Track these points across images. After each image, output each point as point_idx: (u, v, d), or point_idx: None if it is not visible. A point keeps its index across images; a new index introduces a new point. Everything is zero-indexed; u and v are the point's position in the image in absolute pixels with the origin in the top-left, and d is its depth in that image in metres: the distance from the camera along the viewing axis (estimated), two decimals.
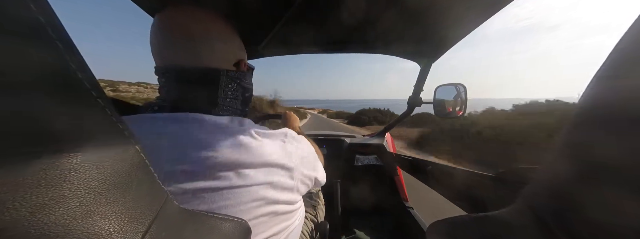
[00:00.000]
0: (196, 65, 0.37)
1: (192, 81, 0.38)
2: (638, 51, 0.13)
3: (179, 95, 0.38)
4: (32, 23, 0.11)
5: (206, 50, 0.38)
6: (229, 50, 0.41)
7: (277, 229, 0.37)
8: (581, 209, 0.15)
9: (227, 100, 0.41)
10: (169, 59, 0.37)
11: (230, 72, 0.42)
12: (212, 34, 0.38)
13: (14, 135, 0.10)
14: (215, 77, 0.40)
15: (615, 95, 0.14)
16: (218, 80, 0.40)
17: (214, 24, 0.39)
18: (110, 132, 0.14)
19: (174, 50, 0.37)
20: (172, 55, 0.37)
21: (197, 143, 0.31)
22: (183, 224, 0.20)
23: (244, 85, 0.45)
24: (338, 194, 1.19)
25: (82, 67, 0.12)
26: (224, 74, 0.40)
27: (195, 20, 0.37)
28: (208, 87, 0.39)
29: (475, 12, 0.64)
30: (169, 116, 0.34)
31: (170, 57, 0.37)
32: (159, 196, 0.18)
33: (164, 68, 0.38)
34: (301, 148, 0.42)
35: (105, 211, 0.13)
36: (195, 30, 0.36)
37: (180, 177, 0.29)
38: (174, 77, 0.37)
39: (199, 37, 0.37)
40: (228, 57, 0.42)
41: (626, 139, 0.13)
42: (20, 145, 0.10)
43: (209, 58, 0.38)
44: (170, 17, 0.37)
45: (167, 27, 0.37)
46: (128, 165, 0.15)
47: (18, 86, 0.10)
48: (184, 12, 0.37)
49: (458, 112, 1.03)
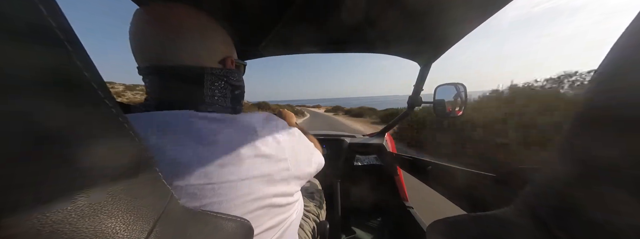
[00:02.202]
0: (178, 63, 0.36)
1: (175, 80, 0.37)
2: (637, 51, 0.13)
3: (164, 94, 0.37)
4: (42, 25, 0.11)
5: (186, 47, 0.36)
6: (212, 47, 0.40)
7: (273, 222, 0.36)
8: (581, 209, 0.15)
9: (215, 98, 0.41)
10: (150, 58, 0.37)
11: (215, 70, 0.40)
12: (192, 30, 0.37)
13: (21, 135, 0.10)
14: (198, 76, 0.38)
15: (615, 95, 0.14)
16: (202, 78, 0.39)
17: (194, 20, 0.38)
18: (116, 132, 0.15)
19: (153, 47, 0.36)
20: (152, 54, 0.36)
21: (185, 138, 0.30)
22: (187, 223, 0.20)
23: (233, 83, 0.44)
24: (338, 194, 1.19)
25: (89, 67, 0.13)
26: (208, 72, 0.39)
27: (173, 16, 0.36)
28: (193, 85, 0.38)
29: (475, 12, 0.64)
30: (156, 114, 0.33)
31: (151, 55, 0.36)
32: (163, 195, 0.18)
33: (145, 68, 0.37)
34: (294, 139, 0.42)
35: (112, 210, 0.14)
36: (174, 27, 0.35)
37: (170, 174, 0.28)
38: (157, 77, 0.37)
39: (178, 34, 0.36)
40: (211, 55, 0.40)
41: (626, 139, 0.13)
42: (28, 144, 0.11)
43: (191, 56, 0.37)
44: (147, 13, 0.36)
45: (146, 22, 0.36)
46: (134, 164, 0.16)
47: (25, 86, 0.11)
48: (162, 8, 0.36)
49: (458, 112, 1.03)
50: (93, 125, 0.13)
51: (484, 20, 0.66)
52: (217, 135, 0.32)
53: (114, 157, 0.14)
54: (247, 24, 0.77)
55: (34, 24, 0.11)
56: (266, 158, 0.34)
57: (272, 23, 0.77)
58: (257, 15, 0.73)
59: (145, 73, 0.38)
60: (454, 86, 1.02)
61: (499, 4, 0.57)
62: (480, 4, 0.60)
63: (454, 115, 1.04)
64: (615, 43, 0.14)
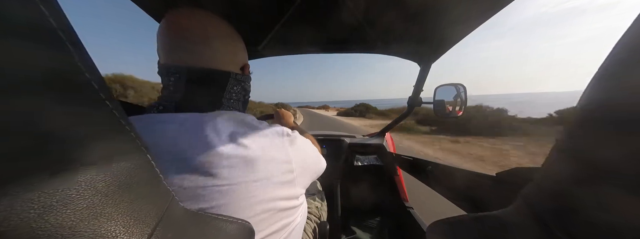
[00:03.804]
0: (207, 66, 0.39)
1: (201, 82, 0.39)
2: (637, 51, 0.13)
3: (185, 95, 0.38)
4: (43, 25, 0.11)
5: (218, 52, 0.39)
6: (237, 53, 0.43)
7: (278, 226, 0.37)
8: (581, 209, 0.15)
9: (231, 102, 0.43)
10: (178, 59, 0.38)
11: (238, 75, 0.44)
12: (222, 37, 0.40)
13: (20, 136, 0.10)
14: (224, 79, 0.41)
15: (615, 95, 0.14)
16: (226, 82, 0.42)
17: (223, 28, 0.40)
18: (117, 133, 0.15)
19: (185, 51, 0.37)
20: (182, 56, 0.38)
21: (196, 141, 0.31)
22: (188, 226, 0.20)
23: (246, 88, 0.47)
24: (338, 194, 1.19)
25: (91, 68, 0.13)
26: (233, 77, 0.42)
27: (205, 22, 0.38)
28: (215, 88, 0.41)
29: (475, 12, 0.64)
30: (172, 116, 0.34)
31: (181, 57, 0.38)
32: (164, 197, 0.18)
33: (173, 66, 0.38)
34: (297, 141, 0.42)
35: (112, 213, 0.13)
36: (207, 33, 0.38)
37: (177, 175, 0.29)
38: (184, 77, 0.38)
39: (212, 40, 0.38)
40: (236, 60, 0.44)
41: (626, 139, 0.13)
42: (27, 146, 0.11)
43: (220, 60, 0.40)
44: (180, 18, 0.37)
45: (179, 28, 0.37)
46: (134, 166, 0.15)
47: (26, 87, 0.10)
48: (194, 15, 0.38)
49: (458, 112, 1.03)
50: (93, 126, 0.13)
51: (484, 21, 0.66)
52: (224, 137, 0.32)
53: (114, 159, 0.14)
54: (247, 24, 0.77)
55: (34, 24, 0.11)
56: (271, 161, 0.35)
57: (272, 23, 0.77)
58: (257, 15, 0.73)
59: (172, 71, 0.38)
60: (454, 86, 1.02)
61: (500, 4, 0.57)
62: (481, 4, 0.60)
63: (454, 116, 1.04)
64: (616, 43, 0.14)
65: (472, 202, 0.56)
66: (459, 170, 0.63)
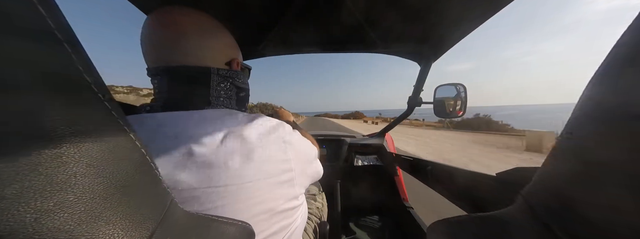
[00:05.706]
0: (185, 63, 0.37)
1: (183, 80, 0.38)
2: (637, 51, 0.13)
3: (169, 94, 0.38)
4: (41, 26, 0.11)
5: (195, 48, 0.38)
6: (218, 48, 0.41)
7: (278, 227, 0.36)
8: (581, 209, 0.15)
9: (220, 100, 0.41)
10: (159, 59, 0.38)
11: (222, 71, 0.41)
12: (200, 32, 0.38)
13: (18, 137, 0.10)
14: (205, 76, 0.39)
15: (615, 95, 0.14)
16: (209, 78, 0.40)
17: (203, 23, 0.39)
18: (116, 135, 0.14)
19: (163, 49, 0.37)
20: (162, 55, 0.37)
21: (189, 141, 0.30)
22: (187, 228, 0.19)
23: (238, 85, 0.45)
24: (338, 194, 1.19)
25: (90, 69, 0.13)
26: (215, 73, 0.40)
27: (180, 19, 0.37)
28: (198, 85, 0.39)
29: (475, 12, 0.64)
30: (160, 115, 0.34)
31: (160, 56, 0.37)
32: (163, 200, 0.18)
33: (154, 68, 0.38)
34: (296, 141, 0.42)
35: (110, 216, 0.13)
36: (183, 29, 0.37)
37: (174, 177, 0.28)
38: (165, 77, 0.37)
39: (187, 36, 0.37)
40: (218, 55, 0.41)
41: (625, 139, 0.13)
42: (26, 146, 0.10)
43: (198, 56, 0.38)
44: (157, 18, 0.37)
45: (157, 26, 0.37)
46: (133, 168, 0.15)
47: (25, 87, 0.10)
48: (171, 13, 0.37)
49: (458, 112, 1.03)
50: (92, 126, 0.13)
51: (484, 20, 0.66)
52: (219, 136, 0.32)
53: (113, 161, 0.14)
54: (247, 24, 0.77)
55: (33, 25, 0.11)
56: (270, 160, 0.34)
57: (272, 23, 0.77)
58: (257, 15, 0.73)
59: (154, 73, 0.38)
60: (454, 86, 1.02)
61: (500, 4, 0.57)
62: (481, 4, 0.60)
63: (454, 116, 1.04)
64: (617, 42, 0.14)
65: (472, 202, 0.55)
66: (459, 170, 0.63)
